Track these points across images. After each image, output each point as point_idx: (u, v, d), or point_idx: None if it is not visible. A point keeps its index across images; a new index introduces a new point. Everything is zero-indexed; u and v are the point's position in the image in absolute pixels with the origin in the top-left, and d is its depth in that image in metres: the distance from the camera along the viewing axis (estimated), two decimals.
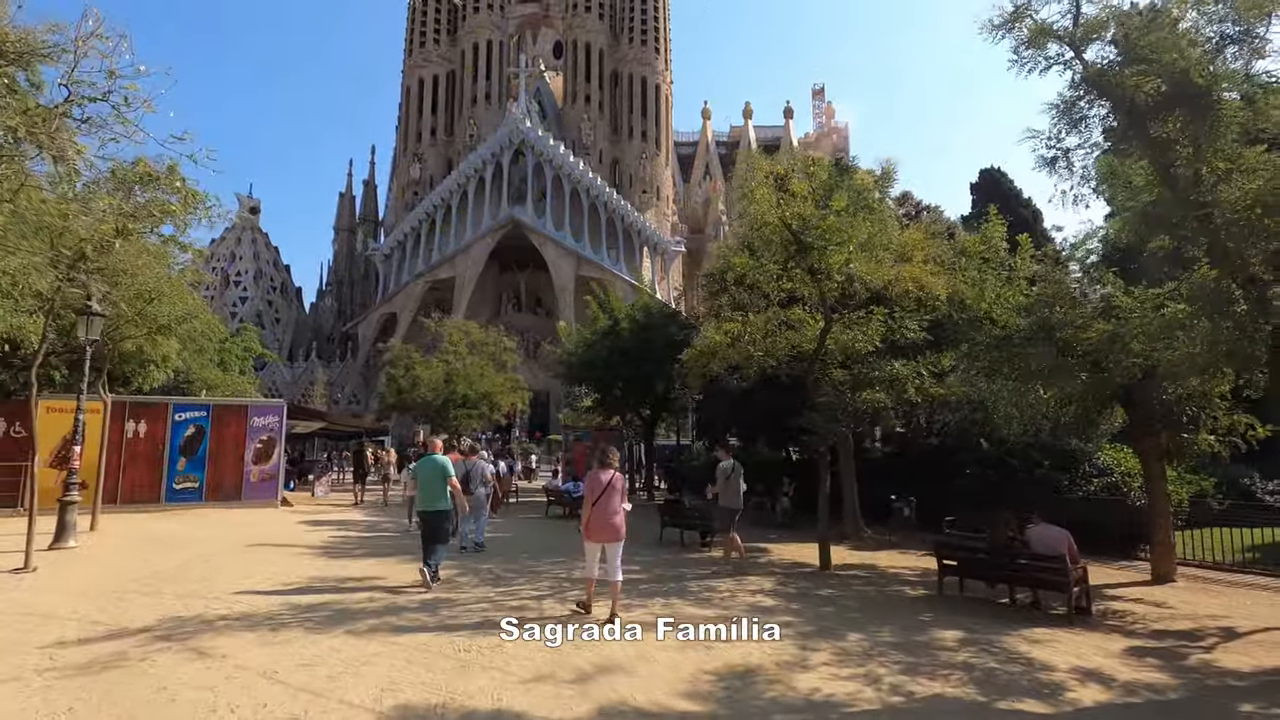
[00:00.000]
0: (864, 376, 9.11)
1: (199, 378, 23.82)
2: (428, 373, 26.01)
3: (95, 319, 9.91)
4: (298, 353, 59.09)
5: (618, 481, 6.64)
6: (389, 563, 9.42)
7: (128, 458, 14.77)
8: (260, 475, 15.86)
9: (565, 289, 58.79)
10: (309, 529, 12.80)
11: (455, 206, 61.01)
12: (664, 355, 19.70)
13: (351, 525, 13.69)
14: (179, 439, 15.22)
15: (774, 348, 9.36)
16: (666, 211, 73.07)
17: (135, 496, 14.83)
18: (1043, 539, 7.28)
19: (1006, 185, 26.24)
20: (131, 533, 11.80)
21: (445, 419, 25.75)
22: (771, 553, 11.35)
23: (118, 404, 14.46)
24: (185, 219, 8.27)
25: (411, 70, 70.60)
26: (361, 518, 15.20)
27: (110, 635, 5.53)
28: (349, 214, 75.32)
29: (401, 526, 13.49)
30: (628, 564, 9.30)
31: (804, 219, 8.12)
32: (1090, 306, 9.04)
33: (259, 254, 61.64)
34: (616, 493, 6.57)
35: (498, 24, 71.03)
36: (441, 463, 8.20)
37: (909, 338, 9.07)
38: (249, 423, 15.84)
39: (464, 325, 30.13)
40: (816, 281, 8.56)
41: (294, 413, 17.68)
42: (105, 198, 7.72)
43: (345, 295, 71.09)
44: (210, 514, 14.46)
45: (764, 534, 13.58)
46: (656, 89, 71.63)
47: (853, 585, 8.53)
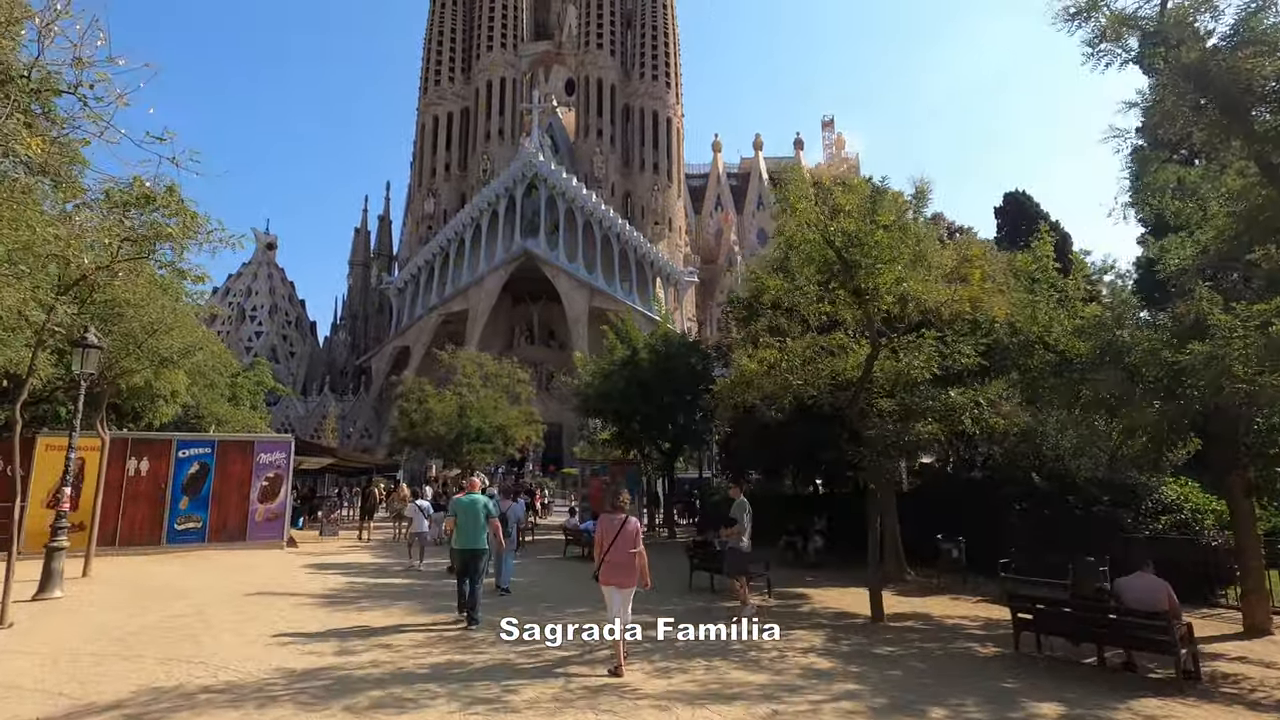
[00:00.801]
0: (915, 406, 8.31)
1: (209, 412, 23.33)
2: (441, 406, 25.43)
3: (91, 352, 9.35)
4: (311, 387, 58.93)
5: (631, 525, 6.43)
6: (396, 612, 8.62)
7: (128, 497, 14.13)
8: (266, 514, 15.15)
9: (578, 320, 58.51)
10: (314, 573, 12.02)
11: (469, 240, 61.24)
12: (684, 386, 19.03)
13: (358, 569, 12.89)
14: (182, 477, 14.58)
15: (813, 376, 8.60)
16: (679, 242, 73.04)
17: (134, 538, 14.15)
18: (1137, 590, 6.38)
19: (1032, 208, 25.55)
20: (126, 579, 11.08)
21: (458, 453, 25.07)
22: (812, 599, 10.43)
23: (118, 441, 13.90)
24: (184, 243, 7.72)
25: (427, 108, 71.73)
26: (369, 559, 14.40)
27: (72, 714, 4.77)
28: (364, 249, 75.97)
29: (406, 565, 13.22)
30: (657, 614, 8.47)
31: (849, 235, 7.43)
32: (1166, 328, 8.22)
33: (275, 288, 61.99)
34: (630, 537, 6.34)
35: (511, 62, 72.25)
36: (482, 502, 8.37)
37: (963, 364, 8.29)
38: (255, 459, 15.19)
39: (477, 357, 29.64)
40: (862, 303, 7.84)
41: (302, 448, 17.03)
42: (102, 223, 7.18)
43: (359, 329, 71.27)
44: (212, 556, 13.73)
45: (798, 577, 12.65)
46: (668, 122, 72.22)
47: (913, 641, 7.60)
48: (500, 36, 71.68)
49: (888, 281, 7.53)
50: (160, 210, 7.51)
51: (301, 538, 17.16)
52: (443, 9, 73.81)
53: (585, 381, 20.19)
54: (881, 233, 7.45)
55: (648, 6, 73.24)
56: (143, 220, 7.50)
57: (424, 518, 14.03)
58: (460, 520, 8.27)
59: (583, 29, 72.82)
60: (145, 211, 7.48)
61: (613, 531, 6.35)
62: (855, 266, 7.61)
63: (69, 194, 7.59)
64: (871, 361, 8.12)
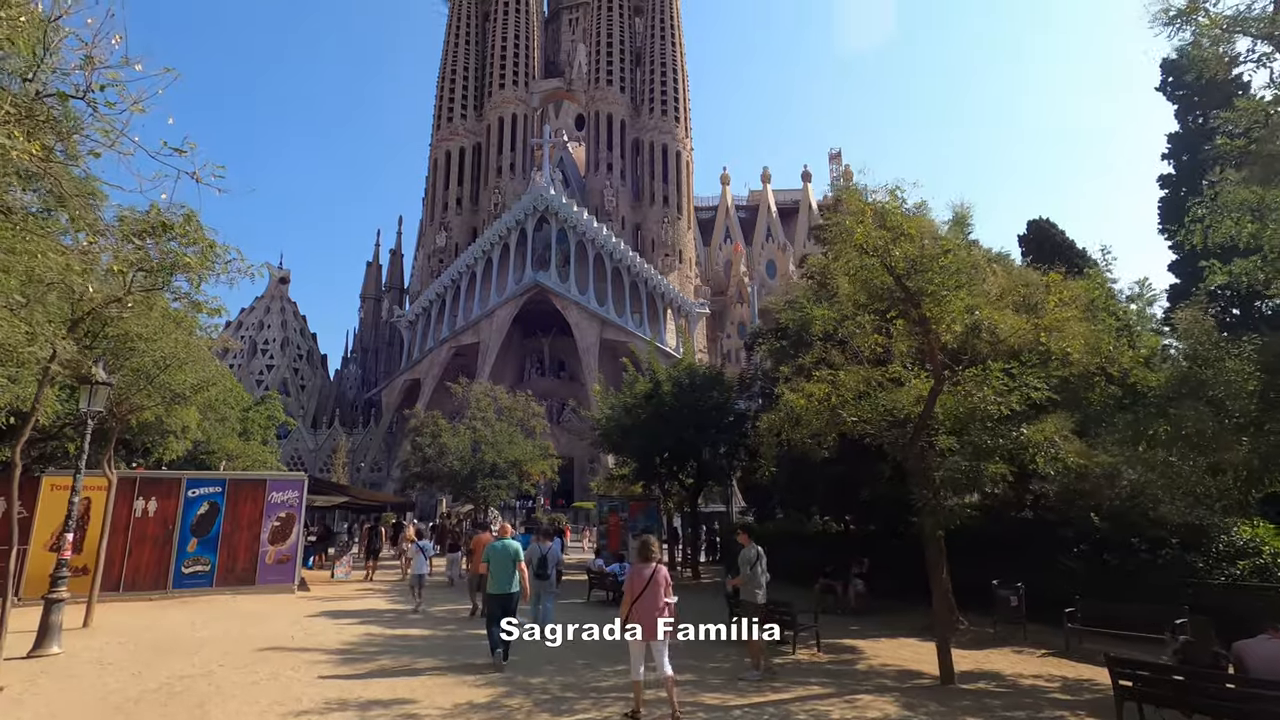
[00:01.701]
0: (982, 445, 7.67)
1: (219, 448, 22.82)
2: (455, 440, 24.82)
3: (100, 389, 8.87)
4: (321, 420, 58.55)
5: (661, 575, 6.40)
6: (420, 672, 7.92)
7: (134, 539, 13.52)
8: (276, 556, 14.48)
9: (589, 352, 58.19)
10: (328, 622, 11.31)
11: (480, 273, 61.35)
12: (708, 420, 18.39)
13: (375, 617, 12.16)
14: (191, 517, 13.98)
15: (867, 412, 7.99)
16: (689, 274, 73.02)
17: (139, 582, 13.50)
18: (1265, 656, 5.65)
19: (1058, 236, 25.04)
20: (130, 630, 10.41)
21: (472, 489, 24.38)
22: (865, 653, 9.63)
23: (125, 480, 13.36)
24: (202, 273, 7.27)
25: (439, 143, 72.70)
26: (385, 605, 13.65)
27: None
28: (375, 282, 76.35)
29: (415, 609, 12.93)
30: (702, 673, 7.76)
31: (913, 261, 6.90)
32: (1253, 359, 7.60)
33: (287, 322, 62.09)
34: (660, 587, 6.32)
35: (522, 98, 73.36)
36: (514, 548, 8.59)
37: (1034, 398, 7.67)
38: (267, 499, 14.58)
39: (490, 389, 29.12)
40: (925, 334, 7.27)
41: (316, 486, 16.42)
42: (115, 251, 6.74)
43: (369, 363, 71.18)
44: (220, 603, 13.04)
45: (841, 625, 11.81)
46: (678, 155, 72.88)
47: (995, 710, 6.83)
48: (512, 74, 72.96)
49: (957, 309, 6.97)
50: (177, 239, 7.09)
51: (312, 579, 16.44)
52: (456, 48, 75.36)
53: (605, 415, 19.57)
54: (949, 256, 6.92)
55: (657, 44, 74.53)
56: (158, 249, 7.06)
57: (424, 558, 13.84)
58: (493, 565, 8.41)
59: (593, 66, 74.05)
60: (161, 240, 7.07)
61: (642, 582, 6.30)
62: (919, 294, 7.06)
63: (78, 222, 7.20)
64: (935, 396, 7.52)
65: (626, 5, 76.16)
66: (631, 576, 6.47)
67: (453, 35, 76.45)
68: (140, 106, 3.43)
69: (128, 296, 7.31)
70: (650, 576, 6.33)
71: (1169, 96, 23.31)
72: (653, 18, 75.52)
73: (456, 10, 77.46)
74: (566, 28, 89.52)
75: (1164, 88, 23.48)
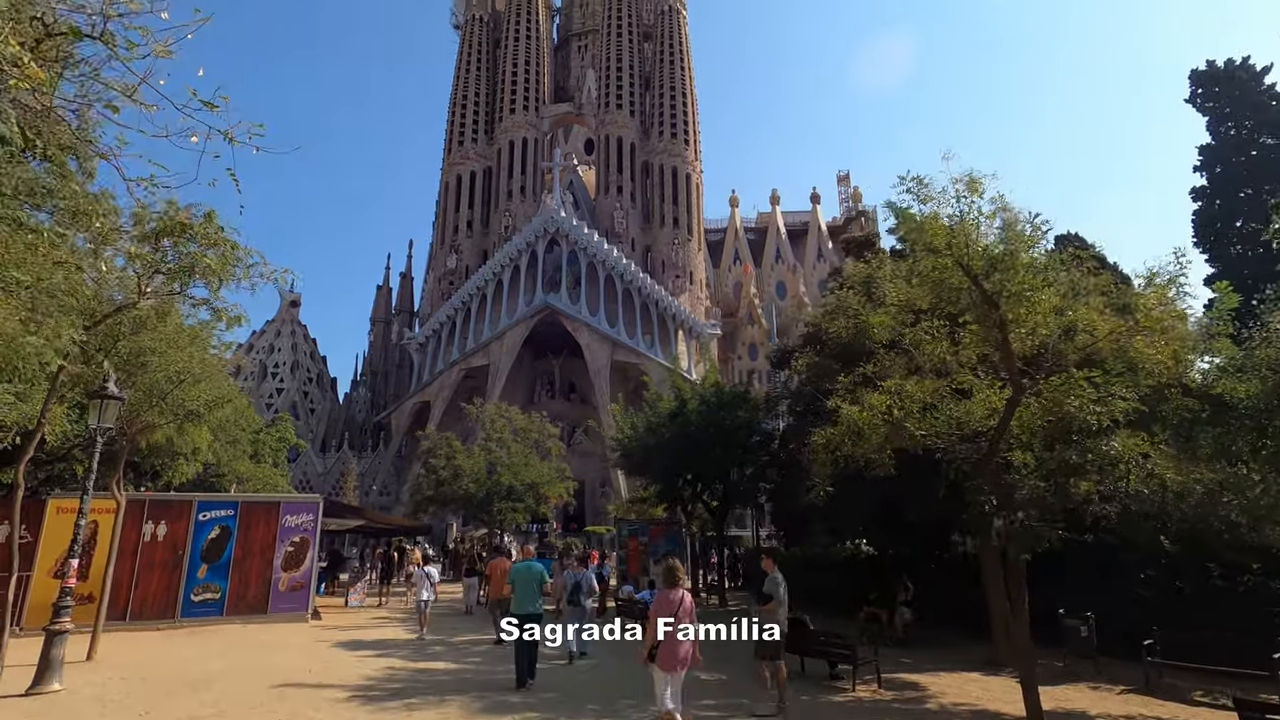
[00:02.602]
0: (1069, 460, 6.99)
1: (230, 470, 22.26)
2: (469, 462, 24.13)
3: (110, 404, 8.33)
4: (330, 443, 58.07)
5: (688, 601, 6.13)
6: (450, 712, 7.23)
7: (142, 565, 12.90)
8: (290, 583, 13.82)
9: (600, 374, 57.73)
10: (346, 655, 10.61)
11: (490, 295, 61.18)
12: (735, 439, 17.72)
13: (395, 648, 11.43)
14: (201, 542, 13.36)
15: (936, 425, 7.35)
16: (701, 295, 72.76)
17: (147, 611, 12.85)
18: None
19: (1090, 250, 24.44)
20: (136, 664, 9.75)
21: (488, 512, 23.62)
22: (929, 690, 8.86)
23: (135, 503, 12.79)
24: (223, 276, 6.75)
25: (450, 167, 73.25)
26: (405, 635, 12.90)
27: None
28: (385, 306, 76.38)
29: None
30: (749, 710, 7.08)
31: (993, 260, 6.33)
32: None
33: (297, 345, 61.99)
34: (687, 614, 6.07)
35: (533, 123, 73.95)
36: (539, 569, 8.75)
37: (1120, 409, 7.02)
38: (281, 522, 13.96)
39: (505, 410, 28.47)
40: (1003, 338, 6.66)
41: (331, 509, 15.80)
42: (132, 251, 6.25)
43: (379, 386, 70.85)
44: (230, 632, 12.37)
45: (892, 658, 10.97)
46: (687, 178, 73.15)
47: None
48: (523, 99, 73.68)
49: (1045, 310, 6.37)
50: (197, 240, 6.60)
51: (325, 606, 15.73)
52: (467, 74, 76.32)
53: (627, 435, 18.91)
54: (1031, 255, 6.35)
55: (666, 68, 75.23)
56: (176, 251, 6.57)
57: (429, 584, 13.56)
58: (518, 587, 8.58)
59: (602, 90, 74.73)
60: (179, 242, 6.58)
61: (670, 609, 6.02)
62: (996, 294, 6.47)
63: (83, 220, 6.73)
64: (1014, 406, 6.89)
65: (636, 31, 77.15)
66: (659, 602, 6.18)
67: (464, 62, 77.53)
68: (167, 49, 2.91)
69: (142, 300, 6.80)
70: (678, 602, 6.05)
71: (1199, 108, 22.86)
72: (662, 43, 76.34)
73: (467, 38, 78.66)
74: (576, 54, 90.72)
75: (1193, 99, 23.06)
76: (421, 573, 13.84)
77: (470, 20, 79.86)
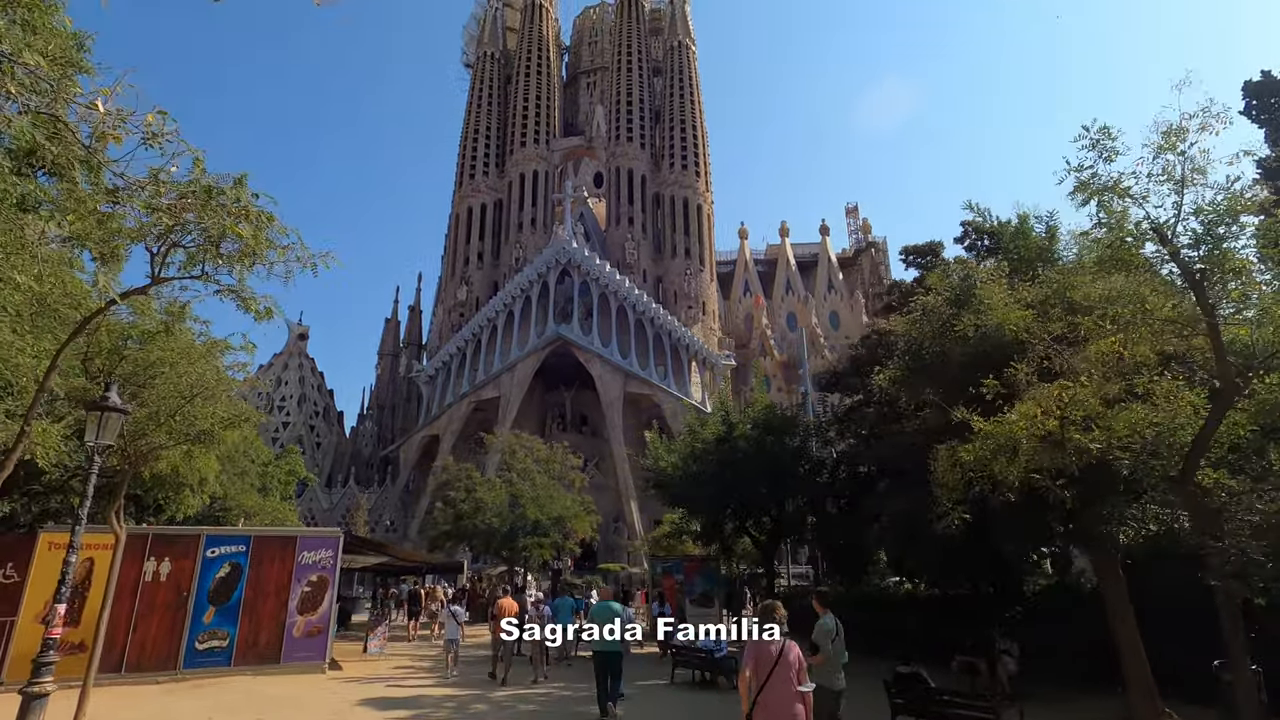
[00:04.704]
0: None
1: (237, 504, 20.82)
2: (491, 495, 22.68)
3: (111, 417, 7.06)
4: (336, 478, 56.51)
5: (792, 652, 4.94)
6: None
7: (142, 609, 11.44)
8: (306, 628, 12.32)
9: (612, 405, 56.40)
10: (374, 714, 9.10)
11: (501, 326, 60.29)
12: (786, 468, 16.33)
13: (433, 707, 9.88)
14: (209, 581, 11.92)
15: (1117, 433, 6.05)
16: (713, 326, 71.83)
17: (145, 661, 11.34)
18: None
19: None
20: None
21: (511, 548, 22.07)
22: None
23: (136, 537, 11.40)
24: (257, 250, 5.53)
25: (461, 200, 73.25)
26: (440, 690, 11.31)
27: None
28: (394, 339, 75.52)
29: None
30: None
31: (1208, 222, 5.13)
32: None
33: (305, 378, 60.91)
34: (792, 669, 4.86)
35: (543, 155, 74.21)
36: (617, 608, 9.62)
37: None
38: (297, 559, 12.53)
39: (526, 440, 27.08)
40: (1212, 328, 5.41)
41: (352, 544, 14.35)
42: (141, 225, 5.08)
43: (386, 420, 69.47)
44: (240, 686, 10.85)
45: None
46: (699, 208, 72.90)
47: None
48: (534, 132, 74.09)
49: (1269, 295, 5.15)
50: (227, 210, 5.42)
51: (342, 654, 14.15)
52: (479, 109, 76.97)
53: (670, 462, 17.49)
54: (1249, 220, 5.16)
55: (676, 101, 75.72)
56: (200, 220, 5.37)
57: (457, 624, 13.34)
58: (600, 625, 9.15)
59: (612, 123, 75.11)
60: (204, 209, 5.40)
61: (769, 663, 4.82)
62: (1210, 271, 5.25)
63: None
64: (1223, 409, 5.60)
65: (645, 66, 77.92)
66: (754, 653, 4.94)
67: (475, 97, 78.26)
68: None
69: (157, 285, 5.59)
70: (779, 654, 4.83)
71: (1254, 119, 21.99)
72: (672, 77, 76.99)
73: (479, 74, 79.61)
74: (584, 91, 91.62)
75: (1248, 111, 22.21)
76: (449, 611, 13.69)
77: (482, 57, 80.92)
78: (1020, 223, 11.33)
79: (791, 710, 4.66)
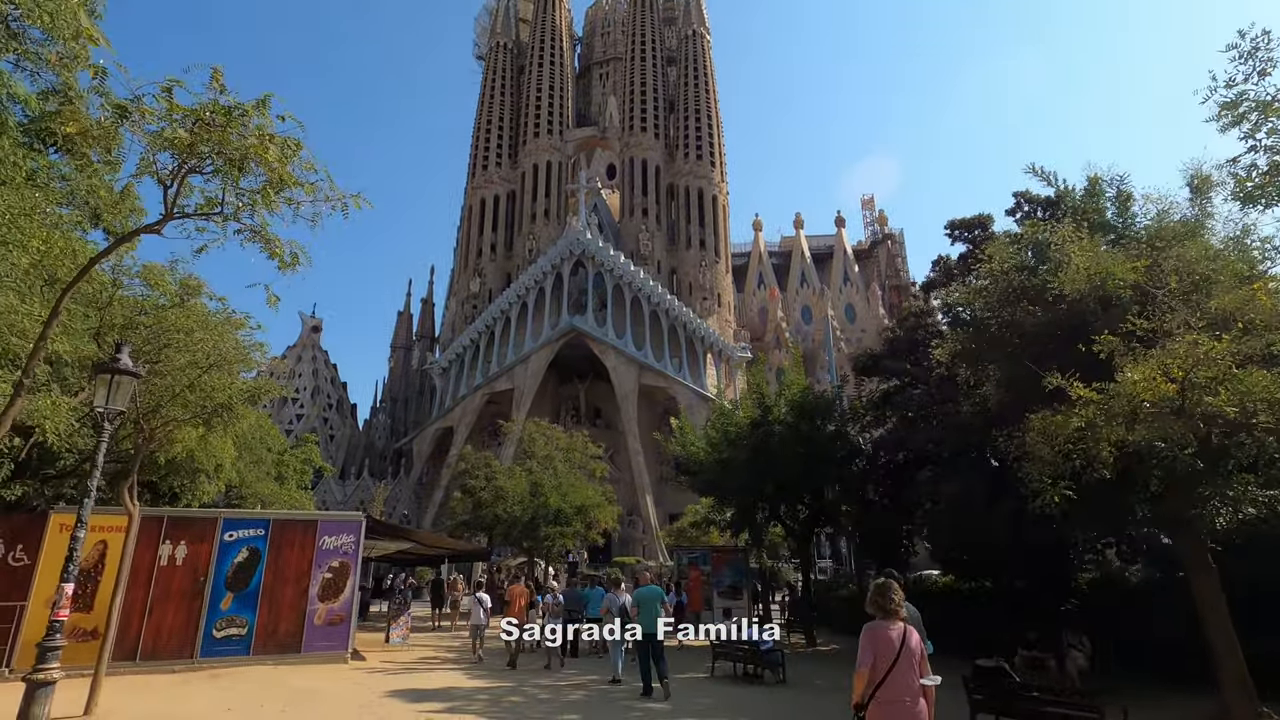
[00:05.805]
0: None
1: (253, 492, 20.36)
2: (512, 483, 22.06)
3: (123, 380, 6.45)
4: (349, 470, 56.29)
5: (914, 641, 4.06)
6: None
7: (157, 594, 10.89)
8: (328, 616, 11.74)
9: (627, 398, 55.73)
10: (406, 709, 8.49)
11: (514, 319, 59.73)
12: (824, 452, 15.59)
13: (465, 699, 9.26)
14: (227, 566, 11.35)
15: (1252, 395, 5.29)
16: (728, 318, 70.92)
17: (160, 649, 10.79)
18: None
19: None
20: (143, 717, 7.71)
21: (533, 538, 21.47)
22: None
23: (150, 519, 10.84)
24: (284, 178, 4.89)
25: (474, 191, 72.71)
26: (469, 682, 10.68)
27: None
28: (406, 331, 75.21)
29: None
30: None
31: None
32: None
33: (318, 371, 60.69)
34: (915, 659, 4.01)
35: (557, 146, 73.49)
36: (659, 592, 10.03)
37: None
38: (318, 544, 11.94)
39: (546, 428, 26.45)
40: None
41: (375, 529, 13.78)
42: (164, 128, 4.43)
43: (399, 412, 69.20)
44: (259, 676, 10.28)
45: None
46: (714, 199, 71.98)
47: None
48: (546, 123, 73.42)
49: None
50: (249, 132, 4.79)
51: (364, 645, 13.60)
52: (491, 100, 76.38)
53: (700, 448, 16.79)
54: None
55: (690, 91, 74.80)
56: (218, 145, 4.73)
57: (482, 610, 13.43)
58: (642, 610, 9.62)
59: (626, 114, 74.31)
60: (224, 135, 4.75)
61: (891, 652, 3.96)
62: None
63: None
64: None
65: (659, 55, 77.00)
66: (874, 642, 4.06)
67: (488, 88, 77.65)
68: None
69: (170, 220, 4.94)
70: (901, 642, 4.01)
71: None
72: (686, 67, 76.04)
73: (492, 65, 79.01)
74: (597, 82, 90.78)
75: None
76: (475, 599, 13.63)
77: (494, 48, 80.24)
78: (1090, 185, 10.51)
79: (915, 709, 3.93)
